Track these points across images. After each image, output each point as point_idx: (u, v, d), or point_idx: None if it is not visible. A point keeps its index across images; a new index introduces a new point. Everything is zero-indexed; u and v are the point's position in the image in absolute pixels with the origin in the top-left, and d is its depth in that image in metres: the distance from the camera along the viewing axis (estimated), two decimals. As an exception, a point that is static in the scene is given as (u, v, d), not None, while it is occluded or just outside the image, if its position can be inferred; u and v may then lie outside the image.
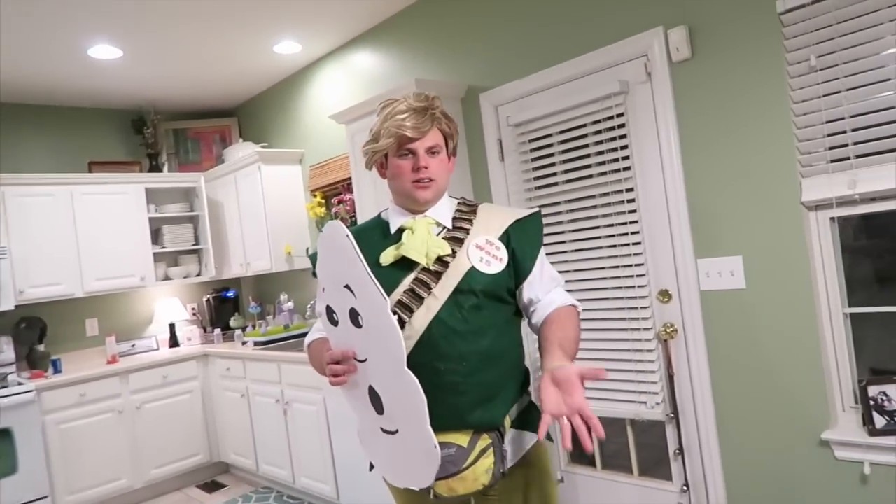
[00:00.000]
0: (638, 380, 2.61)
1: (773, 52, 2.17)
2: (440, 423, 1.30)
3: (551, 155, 2.85)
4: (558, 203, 2.82)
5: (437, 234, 1.49)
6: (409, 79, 3.38)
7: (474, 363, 1.41)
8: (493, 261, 1.46)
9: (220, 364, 4.32)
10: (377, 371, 1.30)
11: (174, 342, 4.73)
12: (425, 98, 1.49)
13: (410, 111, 1.45)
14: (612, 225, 2.65)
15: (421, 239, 1.45)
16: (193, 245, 4.81)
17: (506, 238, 1.50)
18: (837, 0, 2.02)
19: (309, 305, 4.18)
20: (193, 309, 5.03)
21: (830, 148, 2.09)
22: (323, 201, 4.22)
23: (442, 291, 1.42)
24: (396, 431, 1.33)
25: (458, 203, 1.58)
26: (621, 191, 2.61)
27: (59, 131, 4.58)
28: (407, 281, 1.44)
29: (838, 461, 2.14)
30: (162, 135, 4.94)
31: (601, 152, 2.67)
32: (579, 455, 3.02)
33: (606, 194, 2.66)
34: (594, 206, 2.70)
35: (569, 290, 1.57)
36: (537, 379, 1.34)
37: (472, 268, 1.44)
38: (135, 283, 4.46)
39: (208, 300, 4.98)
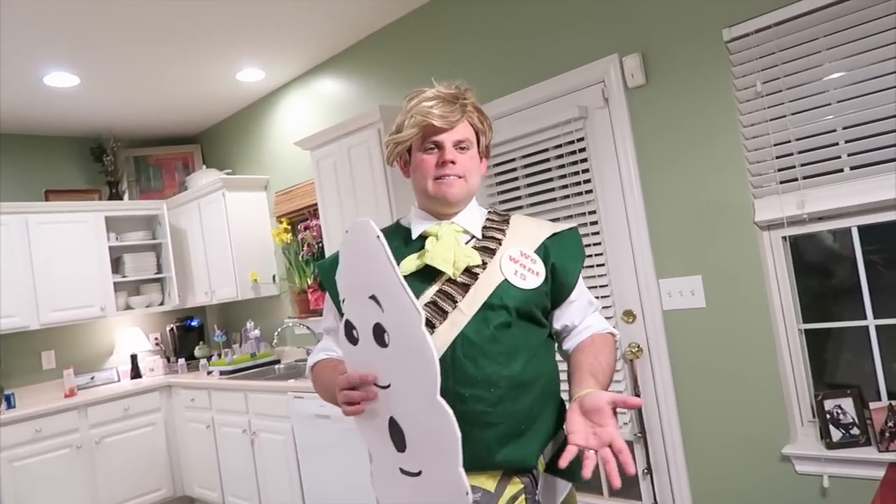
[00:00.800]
0: (604, 399, 2.63)
1: (721, 79, 2.26)
2: (467, 462, 1.10)
3: (515, 179, 2.90)
4: (522, 226, 2.85)
5: (466, 244, 1.32)
6: (372, 104, 3.40)
7: (504, 390, 1.22)
8: (529, 275, 1.29)
9: (185, 395, 4.22)
10: (402, 399, 1.11)
11: (136, 373, 4.60)
12: (456, 87, 1.34)
13: (438, 99, 1.30)
14: (575, 247, 2.69)
15: (447, 246, 1.28)
16: (156, 273, 4.72)
17: (543, 251, 1.34)
18: (780, 29, 2.12)
19: (276, 332, 4.13)
20: (156, 339, 4.92)
21: (780, 170, 2.17)
22: (289, 227, 4.19)
23: (470, 306, 1.24)
24: (419, 473, 1.12)
25: (489, 213, 1.43)
26: (584, 213, 2.66)
27: (14, 159, 4.47)
28: (430, 293, 1.26)
29: (799, 475, 2.19)
30: (122, 162, 4.86)
31: (563, 175, 2.72)
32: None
33: (570, 217, 2.70)
34: (557, 229, 2.74)
35: None
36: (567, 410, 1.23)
37: (505, 281, 1.27)
38: (94, 313, 4.34)
39: (172, 329, 4.87)
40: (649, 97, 2.46)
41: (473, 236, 1.34)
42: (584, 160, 2.65)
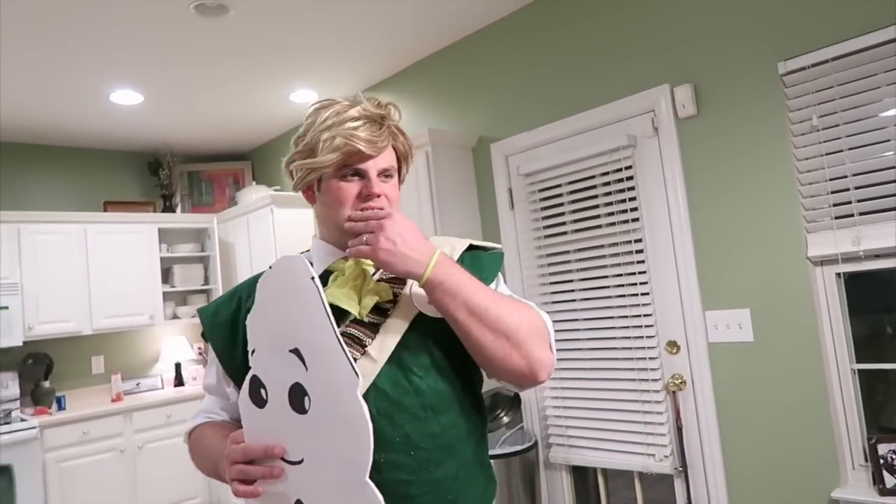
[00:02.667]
0: (646, 431, 2.60)
1: (775, 112, 2.24)
2: None
3: (561, 205, 2.91)
4: (567, 252, 2.86)
5: (373, 275, 1.11)
6: (421, 127, 3.47)
7: (428, 451, 1.02)
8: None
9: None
10: (316, 479, 0.90)
11: (179, 381, 4.72)
12: (379, 104, 1.11)
13: (365, 119, 1.07)
14: (620, 275, 2.68)
15: (353, 282, 1.07)
16: (203, 285, 4.85)
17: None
18: (837, 63, 2.10)
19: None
20: (200, 348, 5.04)
21: (835, 205, 2.13)
22: (333, 244, 4.26)
23: (380, 351, 1.03)
24: None
25: None
26: (630, 241, 2.65)
27: (77, 172, 4.69)
28: None
29: (849, 520, 2.11)
30: (177, 177, 5.04)
31: (610, 203, 2.72)
32: (585, 507, 2.98)
33: (615, 244, 2.70)
34: (603, 256, 2.73)
35: (577, 337, 1.30)
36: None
37: (420, 314, 1.06)
38: (143, 321, 4.49)
39: (215, 340, 4.98)
40: (700, 128, 2.45)
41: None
42: (632, 188, 2.65)
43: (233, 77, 3.66)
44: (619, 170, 2.67)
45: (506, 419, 3.03)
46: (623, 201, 2.67)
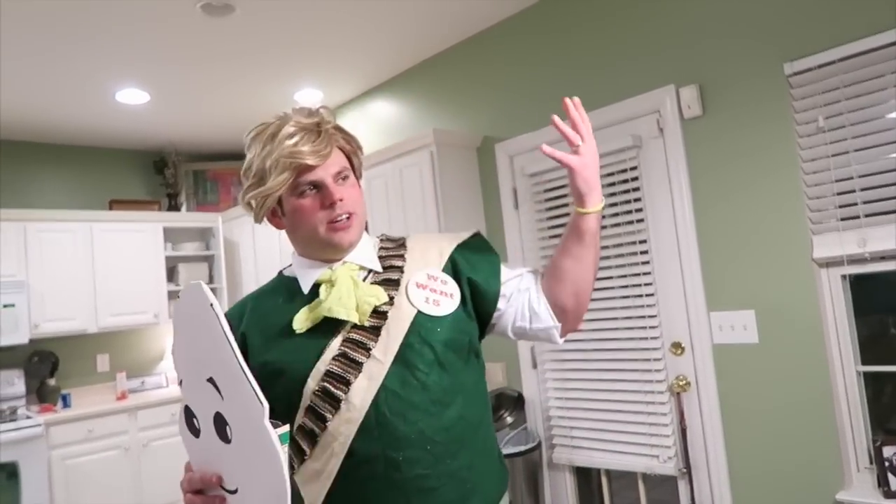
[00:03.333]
0: (650, 433, 2.60)
1: (781, 113, 2.24)
2: None
3: (565, 205, 2.90)
4: (571, 253, 2.85)
5: (364, 280, 1.13)
6: (426, 127, 3.47)
7: (443, 445, 1.05)
8: (443, 298, 1.11)
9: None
10: None
11: (183, 380, 4.73)
12: (310, 112, 1.13)
13: (301, 131, 1.09)
14: (625, 276, 2.68)
15: (346, 290, 1.08)
16: (208, 284, 4.85)
17: (451, 267, 1.16)
18: (844, 65, 2.09)
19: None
20: (204, 347, 5.05)
21: (840, 206, 2.12)
22: (337, 244, 4.27)
23: (385, 352, 1.06)
24: None
25: (381, 239, 1.25)
26: (634, 242, 2.65)
27: (83, 170, 4.71)
28: (335, 345, 1.07)
29: (854, 523, 2.10)
30: (182, 176, 5.05)
31: (615, 204, 2.72)
32: (589, 508, 2.98)
33: (620, 245, 2.69)
34: (608, 257, 2.73)
35: (581, 338, 1.35)
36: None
37: (419, 313, 1.09)
38: (148, 319, 4.50)
39: (219, 339, 4.99)
40: (705, 128, 2.45)
41: (371, 270, 1.16)
42: (637, 189, 2.64)
43: (238, 76, 3.67)
44: (625, 170, 2.67)
45: (509, 419, 3.03)
46: (628, 202, 2.67)
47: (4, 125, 4.11)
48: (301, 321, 1.09)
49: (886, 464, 2.03)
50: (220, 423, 0.90)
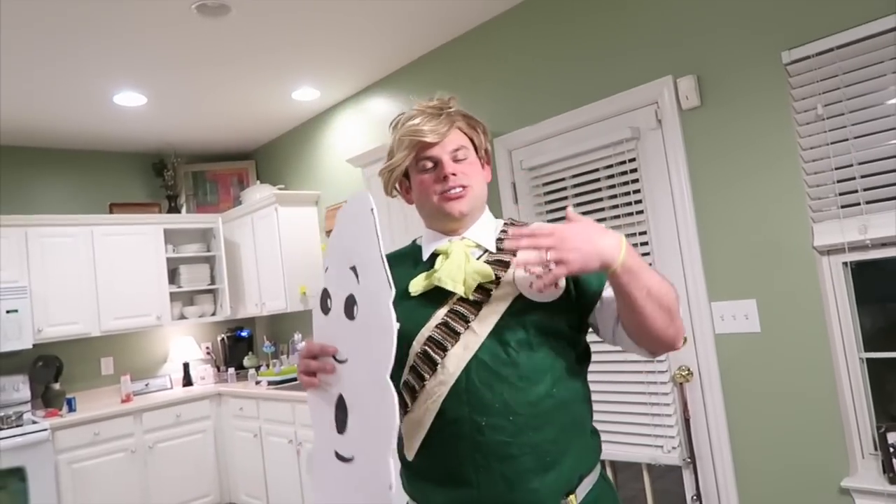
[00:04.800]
0: (654, 423, 2.60)
1: (780, 102, 2.23)
2: (486, 497, 1.08)
3: (565, 198, 2.90)
4: (572, 246, 2.85)
5: (478, 258, 1.22)
6: (424, 124, 3.47)
7: (525, 418, 1.11)
8: (547, 286, 1.16)
9: (234, 404, 4.33)
10: (355, 376, 1.05)
11: (188, 381, 4.75)
12: (439, 100, 1.28)
13: (423, 115, 1.24)
14: (625, 268, 2.67)
15: (457, 264, 1.18)
16: (209, 285, 4.88)
17: None
18: (841, 52, 2.08)
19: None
20: (208, 348, 5.06)
21: (841, 194, 2.12)
22: (338, 242, 4.28)
23: (482, 325, 1.15)
24: (352, 459, 1.04)
25: (505, 223, 1.32)
26: (634, 234, 2.65)
27: (82, 174, 4.71)
28: (440, 313, 1.17)
29: (859, 509, 2.11)
30: (181, 177, 5.06)
31: (614, 196, 2.72)
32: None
33: (619, 237, 2.69)
34: (607, 249, 2.72)
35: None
36: None
37: (520, 295, 1.16)
38: (151, 322, 4.51)
39: (223, 339, 5.01)
40: (704, 119, 2.45)
41: (486, 250, 1.24)
42: (636, 181, 2.64)
43: (235, 76, 3.66)
44: (623, 162, 2.67)
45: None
46: (627, 194, 2.67)
47: (4, 131, 4.11)
48: (416, 286, 1.21)
49: (891, 449, 2.04)
50: (350, 303, 1.07)
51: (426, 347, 1.16)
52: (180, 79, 3.61)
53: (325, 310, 1.12)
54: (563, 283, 1.18)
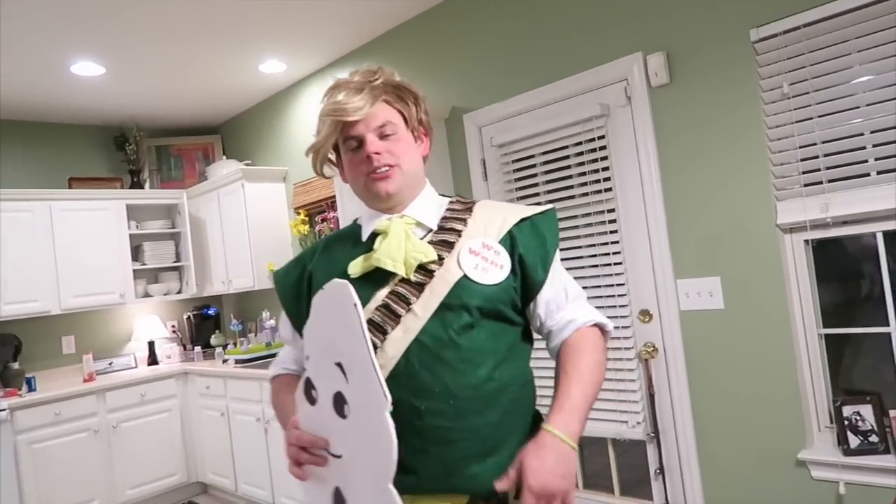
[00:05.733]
0: (619, 399, 2.63)
1: (747, 79, 2.24)
2: (424, 483, 1.06)
3: (534, 175, 2.89)
4: (540, 223, 2.85)
5: (422, 238, 1.18)
6: (393, 99, 3.41)
7: (465, 402, 1.09)
8: (492, 268, 1.13)
9: (200, 382, 4.27)
10: (352, 474, 1.03)
11: (153, 360, 4.66)
12: (367, 72, 1.19)
13: (346, 90, 1.16)
14: (594, 245, 2.68)
15: (397, 243, 1.14)
16: (174, 262, 4.77)
17: (508, 241, 1.18)
18: (809, 30, 2.09)
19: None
20: (173, 326, 4.98)
21: (804, 172, 2.15)
22: (307, 219, 4.21)
23: (425, 308, 1.11)
24: None
25: (451, 201, 1.27)
26: (603, 211, 2.65)
27: (40, 147, 4.54)
28: (381, 295, 1.13)
29: (814, 480, 2.17)
30: (144, 151, 4.91)
31: (583, 173, 2.71)
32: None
33: (588, 214, 2.69)
34: (577, 227, 2.73)
35: None
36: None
37: (464, 277, 1.13)
38: (114, 299, 4.41)
39: (189, 317, 4.93)
40: (673, 96, 2.45)
41: (430, 229, 1.20)
42: (605, 158, 2.64)
43: (200, 47, 3.55)
44: (593, 139, 2.66)
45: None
46: (596, 171, 2.67)
47: (-48, 100, 3.93)
48: (354, 267, 1.17)
49: (846, 423, 2.09)
50: (339, 401, 1.02)
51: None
52: (141, 49, 3.48)
53: (311, 400, 1.07)
54: (507, 264, 1.16)
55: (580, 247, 2.72)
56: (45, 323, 4.32)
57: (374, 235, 1.19)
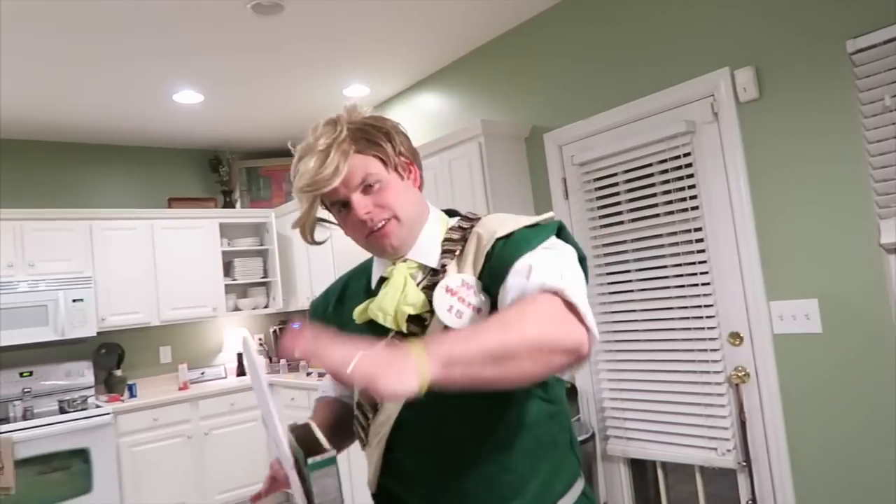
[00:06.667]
0: (708, 424, 2.54)
1: (844, 93, 2.14)
2: None
3: (616, 194, 2.86)
4: (624, 242, 2.81)
5: (419, 283, 1.08)
6: (473, 119, 3.47)
7: (473, 449, 1.03)
8: (467, 310, 1.01)
9: (286, 394, 4.43)
10: None
11: (241, 371, 4.88)
12: (329, 125, 1.09)
13: (310, 155, 1.06)
14: (679, 265, 2.62)
15: (392, 294, 1.07)
16: (262, 278, 5.00)
17: (487, 262, 1.05)
18: (915, 40, 1.99)
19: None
20: (260, 339, 5.20)
21: (911, 189, 2.02)
22: (386, 237, 4.33)
23: None
24: None
25: (451, 227, 1.14)
26: (689, 230, 2.59)
27: (143, 170, 4.90)
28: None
29: (928, 519, 2.01)
30: (236, 173, 5.20)
31: (668, 191, 2.66)
32: (644, 501, 2.94)
33: (674, 234, 2.64)
34: (661, 246, 2.68)
35: (635, 328, 1.19)
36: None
37: (445, 326, 1.02)
38: (207, 313, 4.66)
39: (275, 331, 5.14)
40: (763, 111, 2.37)
41: (430, 270, 1.09)
42: (691, 175, 2.58)
43: (287, 74, 3.74)
44: (678, 157, 2.61)
45: (561, 410, 3.01)
46: (682, 189, 2.61)
47: (73, 129, 4.31)
48: (358, 314, 1.11)
49: (963, 458, 1.94)
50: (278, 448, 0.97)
51: None
52: (235, 77, 3.71)
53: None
54: (487, 307, 1.02)
55: (665, 266, 2.66)
56: (144, 334, 4.62)
57: (381, 280, 1.13)
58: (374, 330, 1.07)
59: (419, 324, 1.04)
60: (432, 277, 1.07)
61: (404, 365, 0.78)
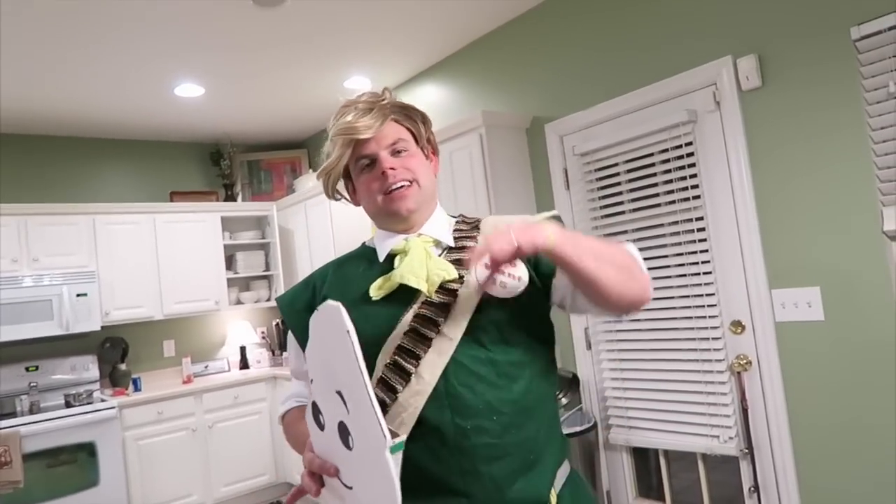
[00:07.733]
0: (710, 412, 2.55)
1: (848, 79, 2.14)
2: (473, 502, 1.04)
3: (618, 184, 2.86)
4: (625, 232, 2.81)
5: (439, 256, 1.16)
6: (474, 110, 3.46)
7: (510, 416, 1.08)
8: (510, 281, 1.07)
9: (288, 386, 4.43)
10: None
11: (244, 364, 4.90)
12: (373, 94, 1.20)
13: (355, 111, 1.15)
14: (681, 254, 2.62)
15: (419, 261, 1.12)
16: (264, 271, 5.01)
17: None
18: (918, 26, 1.98)
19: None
20: (263, 332, 5.21)
21: (914, 176, 2.02)
22: (388, 229, 4.33)
23: (454, 330, 1.09)
24: None
25: (457, 221, 1.26)
26: (691, 220, 2.59)
27: (145, 163, 4.90)
28: (406, 319, 1.10)
29: (930, 505, 2.02)
30: (237, 166, 5.20)
31: (669, 181, 2.66)
32: (647, 489, 2.96)
33: (675, 223, 2.64)
34: (663, 235, 2.68)
35: (637, 317, 1.25)
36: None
37: (486, 293, 1.10)
38: (209, 306, 4.67)
39: (277, 324, 5.15)
40: (765, 100, 2.36)
41: (447, 247, 1.18)
42: (693, 165, 2.58)
43: (289, 66, 3.74)
44: (679, 146, 2.61)
45: (564, 400, 3.02)
46: (683, 178, 2.61)
47: (74, 124, 4.31)
48: (376, 288, 1.13)
49: (965, 444, 1.94)
50: (343, 431, 0.96)
51: (397, 357, 1.08)
52: (237, 70, 3.71)
53: (319, 425, 1.02)
54: (525, 275, 1.08)
55: (666, 255, 2.66)
56: (148, 328, 4.63)
57: (391, 256, 1.17)
58: (391, 304, 1.11)
59: (450, 293, 1.10)
60: (451, 253, 1.16)
61: (544, 229, 1.00)
